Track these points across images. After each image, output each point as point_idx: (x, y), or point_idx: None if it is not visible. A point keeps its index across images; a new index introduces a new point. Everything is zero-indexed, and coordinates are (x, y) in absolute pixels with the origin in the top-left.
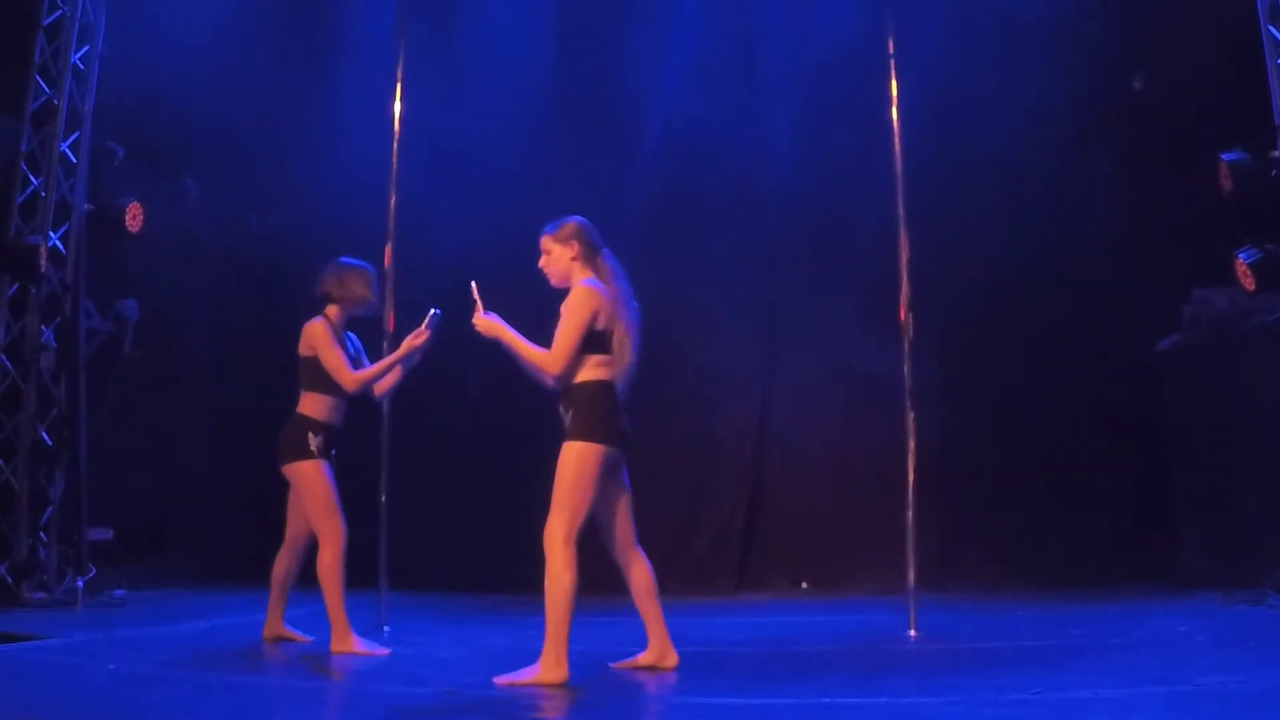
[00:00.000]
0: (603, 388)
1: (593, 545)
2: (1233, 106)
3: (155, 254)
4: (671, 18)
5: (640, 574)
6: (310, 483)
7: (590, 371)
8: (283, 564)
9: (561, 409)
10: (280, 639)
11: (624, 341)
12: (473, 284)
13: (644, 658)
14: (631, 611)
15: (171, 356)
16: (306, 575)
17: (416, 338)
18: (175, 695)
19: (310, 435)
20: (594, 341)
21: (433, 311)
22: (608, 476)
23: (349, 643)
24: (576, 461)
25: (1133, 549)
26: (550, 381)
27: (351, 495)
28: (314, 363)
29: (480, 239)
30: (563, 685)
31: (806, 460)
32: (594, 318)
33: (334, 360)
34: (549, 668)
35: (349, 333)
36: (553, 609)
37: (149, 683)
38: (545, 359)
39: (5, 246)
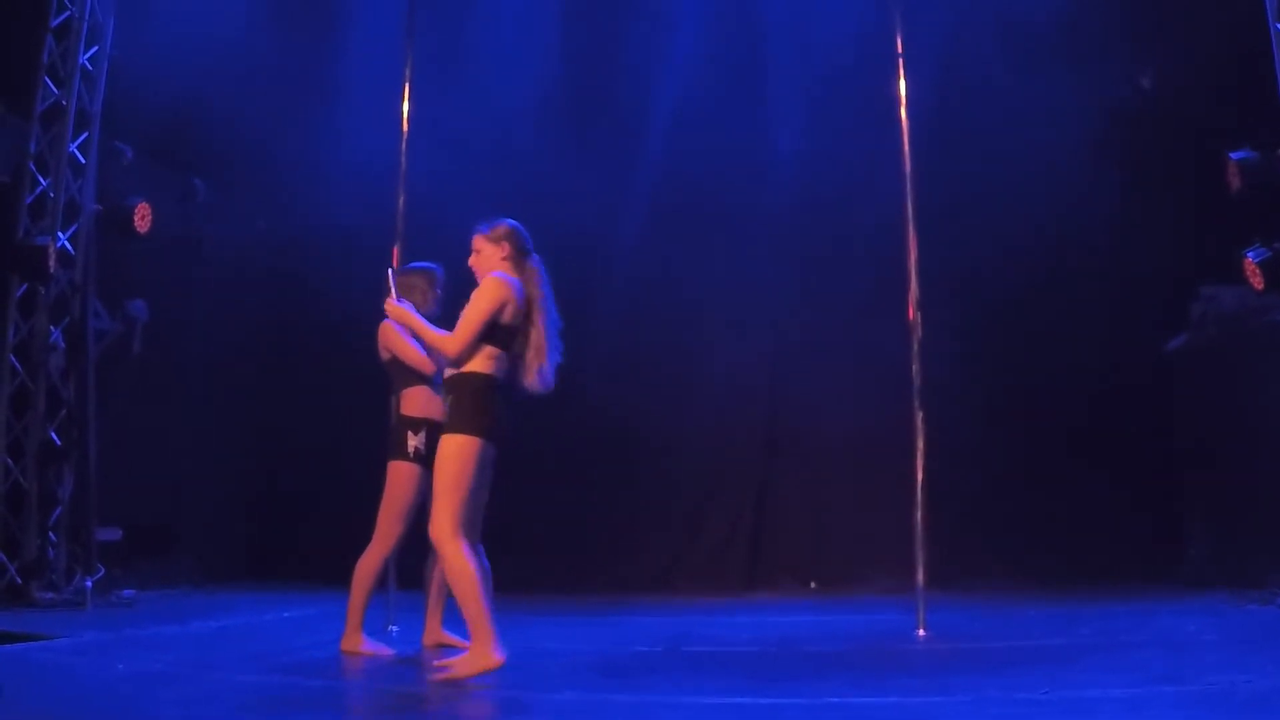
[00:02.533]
0: (487, 382)
1: (594, 547)
2: (1241, 104)
3: (164, 255)
4: (678, 16)
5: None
6: (395, 483)
7: (480, 363)
8: (434, 568)
9: (444, 394)
10: (440, 645)
11: (540, 346)
12: (388, 271)
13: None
14: (633, 608)
15: (180, 357)
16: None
17: None
18: (184, 695)
19: (410, 435)
20: (494, 334)
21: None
22: (482, 471)
23: (356, 642)
24: (456, 455)
25: (1141, 548)
26: (446, 364)
27: (357, 494)
28: (394, 363)
29: None
30: (499, 667)
31: (814, 460)
32: (500, 309)
33: (410, 353)
34: (482, 656)
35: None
36: (466, 603)
37: (158, 682)
38: (444, 341)
39: (14, 247)
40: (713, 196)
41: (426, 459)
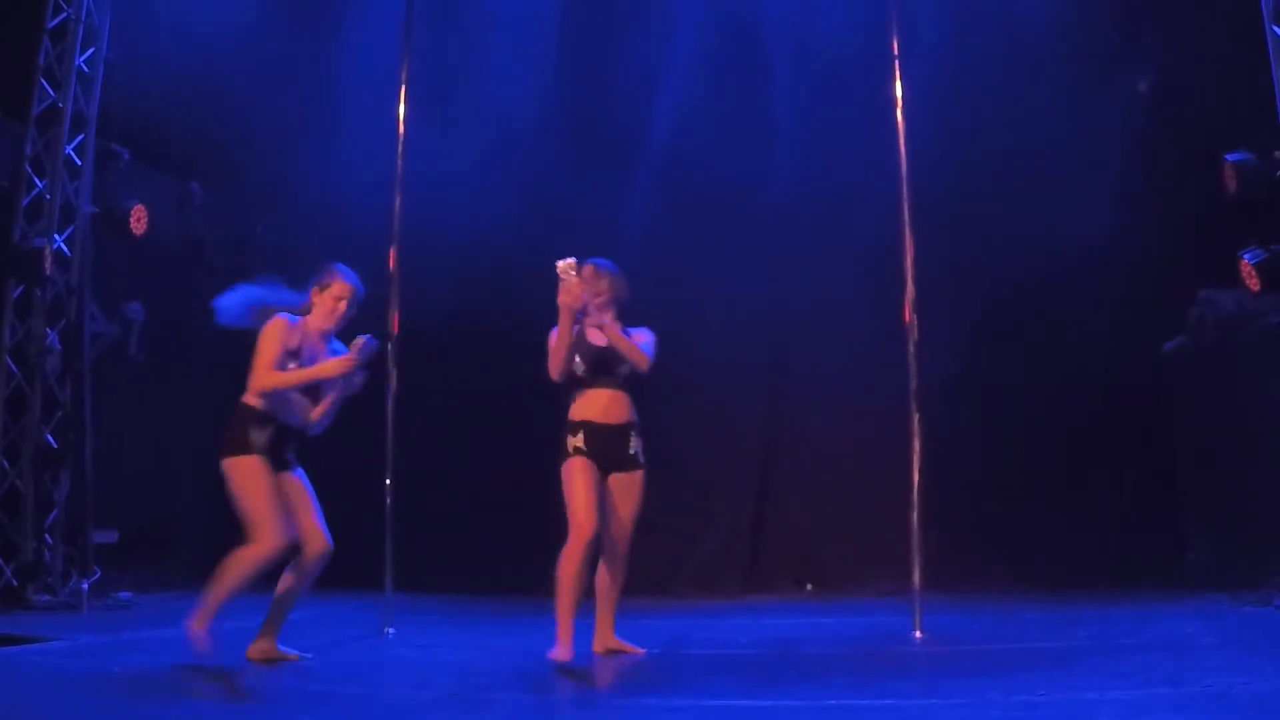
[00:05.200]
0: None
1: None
2: (1238, 107)
3: (160, 257)
4: (674, 21)
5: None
6: (564, 481)
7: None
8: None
9: None
10: (610, 650)
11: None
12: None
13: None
14: (632, 610)
15: (176, 359)
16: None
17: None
18: (179, 698)
19: (569, 436)
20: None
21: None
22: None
23: (566, 649)
24: None
25: (1139, 550)
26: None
27: (358, 497)
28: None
29: (485, 242)
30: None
31: (812, 463)
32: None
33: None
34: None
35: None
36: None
37: (154, 685)
38: None
39: (10, 249)
40: (712, 198)
41: (588, 453)
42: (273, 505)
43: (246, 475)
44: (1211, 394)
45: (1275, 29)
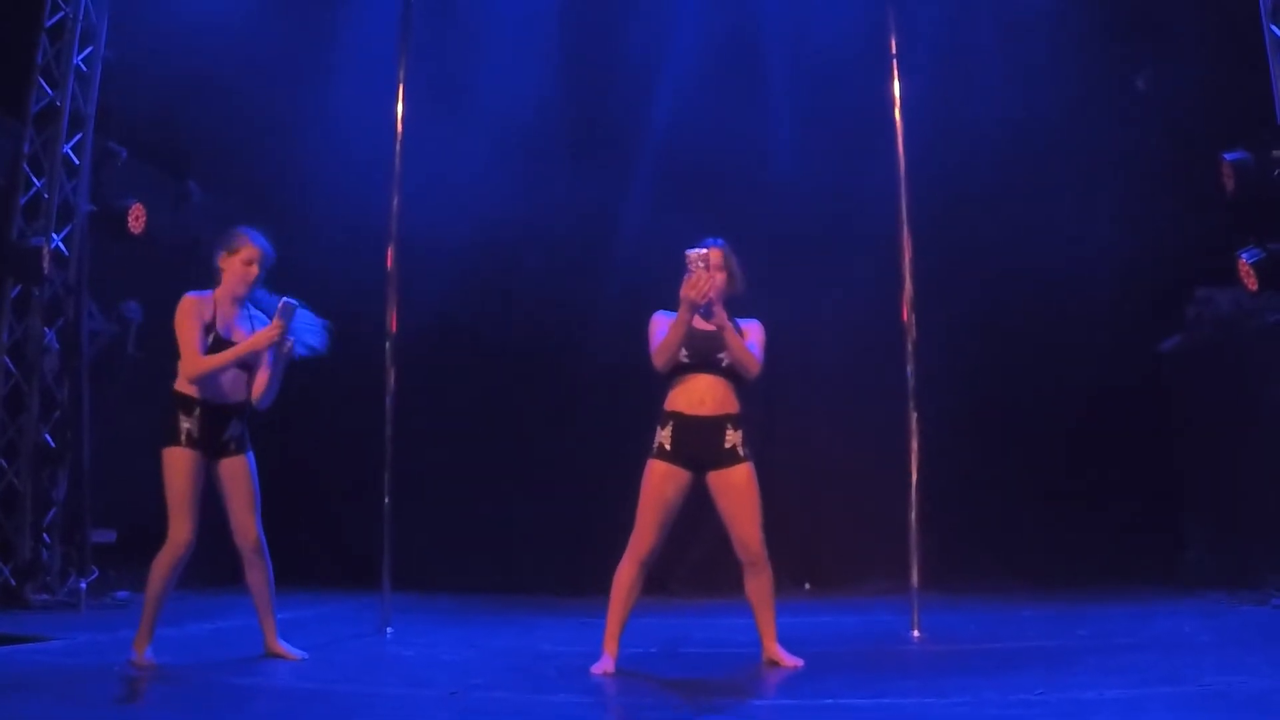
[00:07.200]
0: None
1: (592, 548)
2: (1235, 105)
3: (158, 255)
4: (674, 19)
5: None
6: (644, 481)
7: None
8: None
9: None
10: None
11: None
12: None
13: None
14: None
15: (174, 358)
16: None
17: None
18: (179, 697)
19: (658, 429)
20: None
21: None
22: (197, 473)
23: (610, 663)
24: None
25: (1137, 549)
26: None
27: (357, 496)
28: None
29: (483, 241)
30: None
31: (810, 461)
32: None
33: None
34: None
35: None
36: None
37: (152, 685)
38: None
39: (8, 248)
40: (711, 196)
41: (672, 454)
42: (185, 500)
43: (169, 467)
44: (1210, 393)
45: (1273, 28)
